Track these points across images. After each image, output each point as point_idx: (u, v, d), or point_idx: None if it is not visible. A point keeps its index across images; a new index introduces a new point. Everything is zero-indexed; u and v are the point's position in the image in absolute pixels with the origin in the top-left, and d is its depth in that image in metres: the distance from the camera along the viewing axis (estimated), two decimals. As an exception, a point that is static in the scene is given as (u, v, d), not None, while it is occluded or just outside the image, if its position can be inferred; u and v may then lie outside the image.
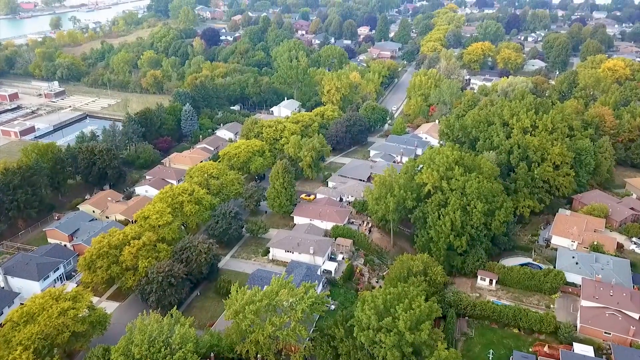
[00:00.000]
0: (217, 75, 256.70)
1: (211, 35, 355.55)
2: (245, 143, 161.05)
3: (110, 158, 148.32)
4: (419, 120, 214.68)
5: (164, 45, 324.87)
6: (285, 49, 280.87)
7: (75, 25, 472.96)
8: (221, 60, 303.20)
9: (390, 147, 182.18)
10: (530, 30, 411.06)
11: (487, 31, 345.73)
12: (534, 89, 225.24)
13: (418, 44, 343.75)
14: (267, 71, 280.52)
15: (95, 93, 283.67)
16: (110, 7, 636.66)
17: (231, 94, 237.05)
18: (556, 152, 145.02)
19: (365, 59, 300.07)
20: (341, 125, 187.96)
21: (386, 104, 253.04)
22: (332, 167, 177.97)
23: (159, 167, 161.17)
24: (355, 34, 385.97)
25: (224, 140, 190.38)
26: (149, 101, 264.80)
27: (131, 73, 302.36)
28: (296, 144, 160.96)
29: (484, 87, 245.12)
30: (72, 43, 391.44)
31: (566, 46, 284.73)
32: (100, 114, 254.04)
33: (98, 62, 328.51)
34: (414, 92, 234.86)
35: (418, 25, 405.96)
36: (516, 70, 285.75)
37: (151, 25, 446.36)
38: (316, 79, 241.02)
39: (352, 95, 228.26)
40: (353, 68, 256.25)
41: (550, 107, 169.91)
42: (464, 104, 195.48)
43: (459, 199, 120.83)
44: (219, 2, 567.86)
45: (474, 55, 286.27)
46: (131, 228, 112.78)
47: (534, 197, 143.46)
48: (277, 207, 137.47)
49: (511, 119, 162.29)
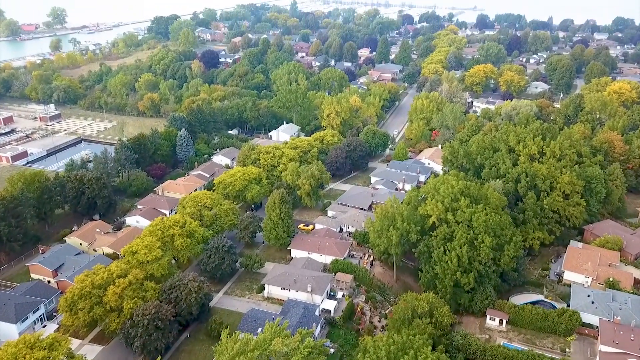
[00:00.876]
0: (215, 99, 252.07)
1: (210, 58, 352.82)
2: (241, 170, 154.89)
3: (100, 187, 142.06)
4: (421, 145, 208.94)
5: (163, 67, 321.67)
6: (284, 72, 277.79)
7: (75, 47, 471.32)
8: (220, 82, 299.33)
9: (391, 174, 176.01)
10: (531, 51, 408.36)
11: (489, 53, 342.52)
12: (538, 113, 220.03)
13: (419, 66, 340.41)
14: (266, 94, 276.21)
15: (92, 116, 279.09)
16: (111, 29, 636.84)
17: (229, 117, 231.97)
18: (566, 181, 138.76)
19: (365, 82, 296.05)
20: (341, 150, 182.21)
21: (387, 127, 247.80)
22: (332, 194, 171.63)
23: (151, 196, 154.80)
24: (356, 56, 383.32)
25: (220, 167, 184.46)
26: (145, 124, 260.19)
27: (128, 96, 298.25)
28: (294, 171, 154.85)
29: (487, 110, 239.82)
30: (70, 65, 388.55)
31: (570, 68, 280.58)
32: (95, 137, 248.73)
33: (96, 84, 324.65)
34: (416, 115, 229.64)
35: (419, 47, 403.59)
36: (519, 92, 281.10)
37: (151, 47, 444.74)
38: (316, 103, 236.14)
39: (353, 119, 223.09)
40: (353, 91, 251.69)
41: (557, 132, 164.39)
42: (467, 129, 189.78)
43: (465, 233, 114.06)
44: (219, 24, 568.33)
45: (476, 78, 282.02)
46: (117, 265, 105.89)
47: (543, 229, 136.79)
48: (274, 239, 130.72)
49: (517, 145, 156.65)
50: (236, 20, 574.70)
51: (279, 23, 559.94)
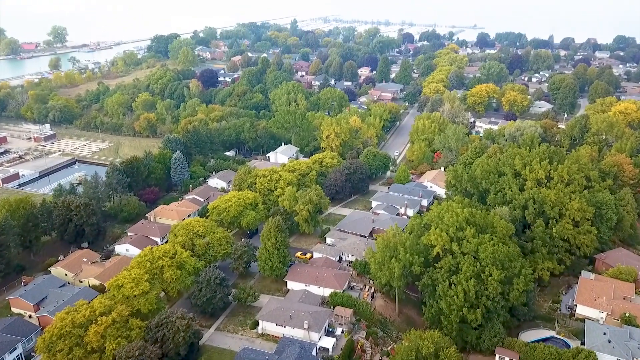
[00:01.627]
0: (213, 119, 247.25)
1: (209, 77, 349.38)
2: (236, 196, 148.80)
3: (88, 214, 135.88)
4: (423, 167, 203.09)
5: (160, 87, 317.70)
6: (283, 92, 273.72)
7: (75, 66, 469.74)
8: (218, 102, 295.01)
9: (393, 198, 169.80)
10: (533, 70, 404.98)
11: (490, 72, 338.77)
12: (543, 134, 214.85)
13: (420, 85, 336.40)
14: (265, 114, 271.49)
15: (87, 136, 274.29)
16: (111, 47, 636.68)
17: (226, 138, 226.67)
18: (575, 208, 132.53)
19: (366, 101, 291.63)
20: (340, 173, 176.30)
21: (388, 148, 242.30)
22: (331, 219, 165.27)
23: (142, 223, 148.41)
24: (356, 75, 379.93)
25: (216, 190, 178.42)
26: (141, 145, 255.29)
27: (125, 115, 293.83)
28: (291, 196, 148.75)
29: (490, 131, 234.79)
30: (69, 84, 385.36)
31: (573, 88, 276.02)
32: (90, 158, 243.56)
33: (93, 104, 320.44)
34: (417, 136, 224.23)
35: (419, 65, 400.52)
36: (522, 112, 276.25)
37: (150, 66, 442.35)
38: (315, 124, 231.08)
39: (353, 141, 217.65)
40: (353, 112, 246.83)
41: (564, 156, 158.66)
42: (470, 151, 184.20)
43: (471, 265, 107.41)
44: (219, 43, 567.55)
45: (478, 97, 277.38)
46: (100, 301, 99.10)
47: (553, 258, 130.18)
48: (269, 270, 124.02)
49: (523, 169, 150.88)
50: (236, 38, 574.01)
51: (279, 42, 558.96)
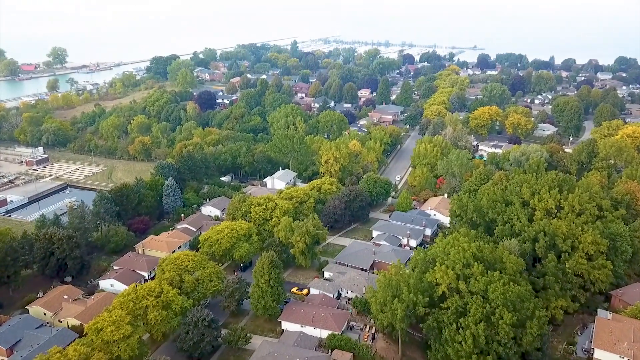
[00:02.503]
0: (209, 143, 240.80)
1: (207, 99, 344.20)
2: (229, 226, 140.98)
3: (71, 247, 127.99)
4: (426, 194, 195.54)
5: (157, 109, 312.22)
6: (282, 115, 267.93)
7: (73, 87, 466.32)
8: (215, 125, 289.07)
9: (395, 228, 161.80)
10: (536, 92, 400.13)
11: (493, 94, 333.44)
12: (549, 159, 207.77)
13: (421, 107, 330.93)
14: (262, 137, 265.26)
15: (81, 160, 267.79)
16: (111, 69, 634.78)
17: (222, 163, 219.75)
18: (589, 240, 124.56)
19: (366, 124, 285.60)
20: (340, 201, 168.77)
21: (389, 173, 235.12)
22: (330, 250, 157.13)
23: (130, 255, 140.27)
24: (356, 97, 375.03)
25: (209, 219, 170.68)
26: (135, 169, 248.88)
27: (120, 139, 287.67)
28: (287, 226, 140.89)
29: (494, 155, 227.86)
30: (65, 106, 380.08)
31: (578, 111, 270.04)
32: (82, 183, 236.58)
33: (88, 126, 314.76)
34: (419, 161, 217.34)
35: (420, 87, 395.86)
36: (526, 135, 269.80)
37: (149, 88, 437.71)
38: (314, 148, 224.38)
39: (352, 165, 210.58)
40: (353, 135, 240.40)
41: (574, 183, 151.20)
42: (475, 178, 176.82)
43: (481, 307, 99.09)
44: (219, 64, 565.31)
45: (481, 120, 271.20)
46: (76, 348, 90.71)
47: (566, 295, 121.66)
48: (262, 309, 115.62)
49: (532, 198, 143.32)
50: (236, 60, 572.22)
51: (278, 63, 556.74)
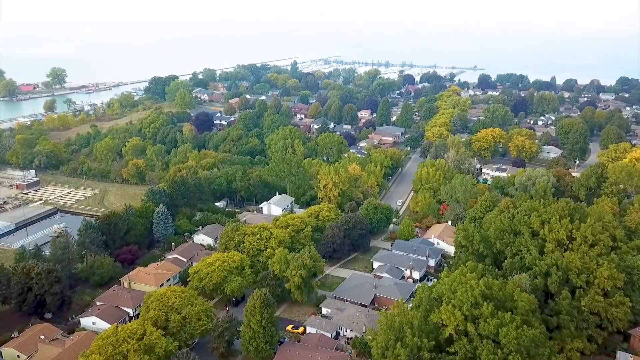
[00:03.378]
0: (204, 166, 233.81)
1: (204, 120, 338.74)
2: (220, 258, 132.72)
3: (50, 282, 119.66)
4: (429, 220, 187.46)
5: (153, 131, 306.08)
6: (280, 137, 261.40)
7: (70, 108, 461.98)
8: (212, 147, 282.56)
9: (397, 258, 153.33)
10: (538, 113, 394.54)
11: (495, 115, 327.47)
12: (556, 183, 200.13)
13: (422, 128, 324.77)
14: (260, 159, 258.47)
15: (73, 183, 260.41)
16: (110, 89, 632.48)
17: (217, 188, 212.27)
18: (605, 275, 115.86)
19: (366, 147, 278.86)
20: (339, 229, 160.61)
21: (390, 197, 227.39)
22: (328, 282, 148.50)
23: (114, 290, 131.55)
24: (356, 118, 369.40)
25: (201, 248, 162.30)
26: (128, 193, 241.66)
27: (115, 161, 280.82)
28: (282, 259, 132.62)
29: (498, 179, 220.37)
30: (61, 127, 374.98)
31: (584, 133, 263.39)
32: (73, 208, 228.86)
33: (82, 148, 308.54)
34: (421, 185, 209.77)
35: (421, 108, 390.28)
36: (531, 158, 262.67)
37: (147, 108, 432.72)
38: (312, 172, 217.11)
39: (352, 190, 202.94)
40: (352, 159, 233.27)
41: (586, 212, 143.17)
42: (480, 204, 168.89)
43: (492, 353, 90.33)
44: (218, 85, 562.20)
45: (484, 143, 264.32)
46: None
47: (582, 335, 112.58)
48: (254, 351, 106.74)
49: (542, 227, 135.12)
50: (235, 80, 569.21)
51: (278, 84, 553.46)
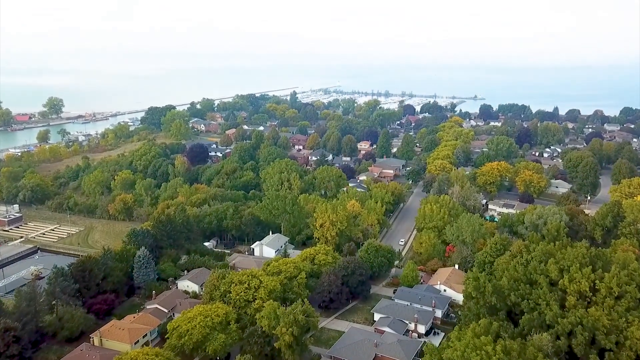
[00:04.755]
0: (195, 202, 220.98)
1: (199, 152, 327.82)
2: (203, 312, 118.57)
3: (6, 343, 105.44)
4: (434, 263, 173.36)
5: (144, 163, 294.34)
6: (275, 170, 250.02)
7: (64, 138, 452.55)
8: (205, 181, 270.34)
9: (400, 309, 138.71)
10: (543, 144, 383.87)
11: (499, 147, 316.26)
12: (569, 222, 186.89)
13: (424, 161, 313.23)
14: (254, 194, 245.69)
15: (58, 219, 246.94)
16: (107, 119, 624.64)
17: (206, 226, 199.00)
18: (637, 336, 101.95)
19: (365, 180, 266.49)
20: (336, 276, 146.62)
21: (391, 236, 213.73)
22: (324, 337, 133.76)
23: (82, 349, 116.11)
24: (355, 150, 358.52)
25: (185, 297, 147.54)
26: (115, 230, 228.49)
27: (103, 195, 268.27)
28: (272, 313, 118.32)
29: (506, 217, 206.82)
30: (52, 158, 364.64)
31: (594, 167, 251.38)
32: (54, 247, 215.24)
33: (71, 181, 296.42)
34: (425, 223, 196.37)
35: (422, 139, 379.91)
36: (539, 193, 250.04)
37: (142, 139, 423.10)
38: (308, 209, 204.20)
39: (351, 229, 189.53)
40: (352, 194, 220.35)
41: (608, 258, 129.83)
42: (490, 248, 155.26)
43: None
44: (215, 115, 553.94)
45: (490, 177, 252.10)
46: None
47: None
48: None
49: (560, 276, 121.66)
50: (233, 110, 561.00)
51: (277, 114, 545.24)
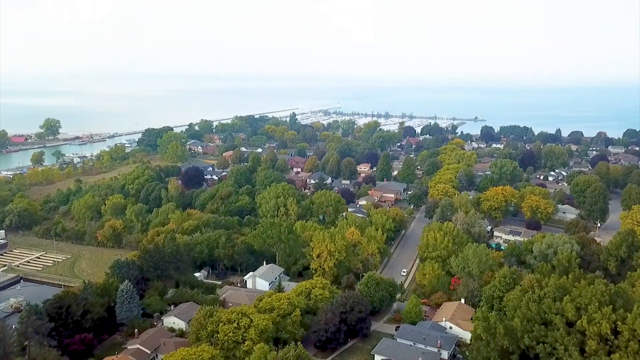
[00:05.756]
0: (186, 229, 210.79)
1: (194, 175, 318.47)
2: (186, 357, 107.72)
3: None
4: (439, 297, 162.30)
5: (137, 187, 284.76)
6: (272, 195, 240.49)
7: (59, 160, 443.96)
8: (198, 205, 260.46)
9: (402, 350, 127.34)
10: (548, 167, 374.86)
11: (503, 171, 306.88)
12: (580, 252, 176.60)
13: (425, 184, 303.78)
14: (250, 220, 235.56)
15: (44, 246, 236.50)
16: (105, 140, 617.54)
17: (197, 255, 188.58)
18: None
19: (365, 205, 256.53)
20: (333, 313, 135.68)
21: (393, 266, 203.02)
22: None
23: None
24: (355, 173, 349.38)
25: (170, 335, 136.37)
26: (103, 258, 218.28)
27: (93, 220, 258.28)
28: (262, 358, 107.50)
29: (513, 246, 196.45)
30: (44, 181, 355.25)
31: (603, 192, 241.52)
32: (38, 276, 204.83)
33: (61, 205, 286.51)
34: (428, 253, 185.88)
35: (423, 162, 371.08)
36: (547, 220, 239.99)
37: (137, 161, 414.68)
38: (305, 237, 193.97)
39: (350, 259, 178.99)
40: (351, 221, 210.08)
41: (630, 296, 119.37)
42: (499, 282, 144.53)
43: None
44: (213, 137, 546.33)
45: (495, 202, 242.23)
46: None
47: None
48: None
49: (578, 316, 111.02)
50: (231, 132, 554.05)
51: (275, 136, 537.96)
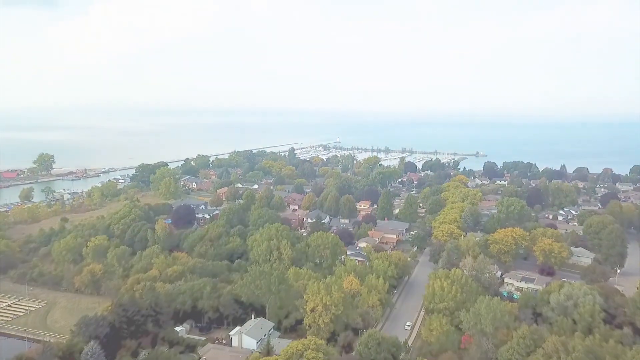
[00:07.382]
0: (171, 276, 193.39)
1: (184, 213, 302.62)
2: None
3: None
4: (448, 358, 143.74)
5: (122, 227, 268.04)
6: (264, 237, 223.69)
7: (48, 197, 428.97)
8: (187, 248, 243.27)
9: None
10: (556, 206, 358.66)
11: (510, 210, 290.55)
12: (604, 304, 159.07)
13: (429, 224, 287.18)
14: (240, 264, 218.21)
15: (19, 293, 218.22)
16: (99, 175, 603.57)
17: (179, 306, 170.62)
18: None
19: (365, 248, 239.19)
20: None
21: (396, 318, 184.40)
22: None
23: None
24: (354, 211, 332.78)
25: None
26: (80, 307, 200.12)
27: (73, 264, 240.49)
28: None
29: (528, 295, 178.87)
30: (29, 219, 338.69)
31: (620, 235, 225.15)
32: (5, 328, 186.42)
33: (42, 247, 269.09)
34: (434, 304, 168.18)
35: (426, 200, 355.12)
36: (561, 264, 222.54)
37: (128, 198, 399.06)
38: (298, 286, 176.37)
39: (348, 313, 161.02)
40: (350, 268, 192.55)
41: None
42: (517, 343, 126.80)
43: None
44: (209, 172, 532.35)
45: (504, 245, 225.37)
46: None
47: None
48: None
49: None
50: (227, 167, 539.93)
51: (273, 171, 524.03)
